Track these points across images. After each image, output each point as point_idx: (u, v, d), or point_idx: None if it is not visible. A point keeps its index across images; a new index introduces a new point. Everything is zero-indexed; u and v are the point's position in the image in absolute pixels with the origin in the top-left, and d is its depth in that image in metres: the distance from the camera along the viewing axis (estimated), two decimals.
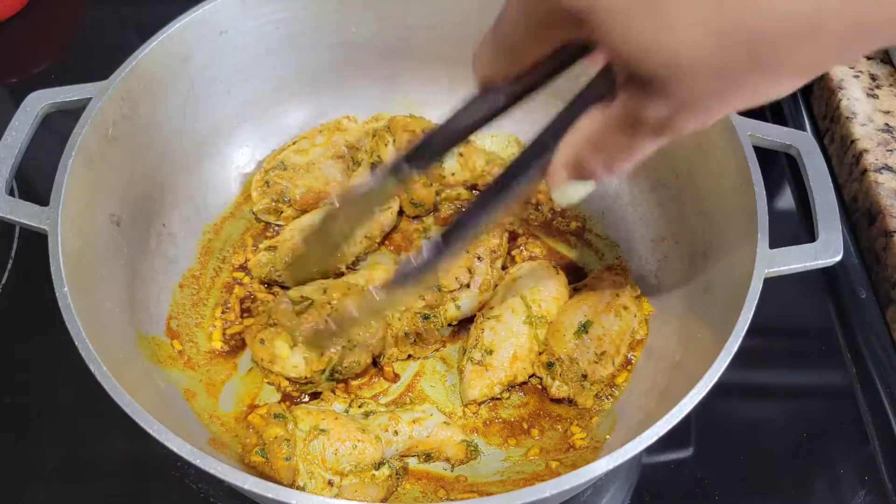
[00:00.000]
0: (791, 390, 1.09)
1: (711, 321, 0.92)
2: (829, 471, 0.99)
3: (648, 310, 1.09)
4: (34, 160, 0.95)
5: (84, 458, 0.99)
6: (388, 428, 0.91)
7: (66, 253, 0.84)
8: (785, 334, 1.14)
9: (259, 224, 1.19)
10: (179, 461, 0.97)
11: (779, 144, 0.96)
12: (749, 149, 0.92)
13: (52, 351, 1.05)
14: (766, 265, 0.84)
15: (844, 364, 1.08)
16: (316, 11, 1.17)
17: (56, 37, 1.53)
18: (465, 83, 1.25)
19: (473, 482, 0.95)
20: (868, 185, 1.17)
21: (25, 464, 0.98)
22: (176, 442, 0.71)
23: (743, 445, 1.02)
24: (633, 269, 1.15)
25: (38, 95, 0.95)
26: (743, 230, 0.91)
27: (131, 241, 1.02)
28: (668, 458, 1.01)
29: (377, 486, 0.85)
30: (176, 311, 1.07)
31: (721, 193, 0.99)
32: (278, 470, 0.83)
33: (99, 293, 0.90)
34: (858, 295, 1.14)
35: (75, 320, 0.78)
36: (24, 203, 0.86)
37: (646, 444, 0.74)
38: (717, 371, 0.78)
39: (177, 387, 0.98)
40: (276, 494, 0.68)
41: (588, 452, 0.97)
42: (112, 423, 0.97)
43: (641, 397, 0.99)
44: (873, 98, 1.26)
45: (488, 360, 1.01)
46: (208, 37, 1.09)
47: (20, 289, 1.12)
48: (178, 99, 1.09)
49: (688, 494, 0.98)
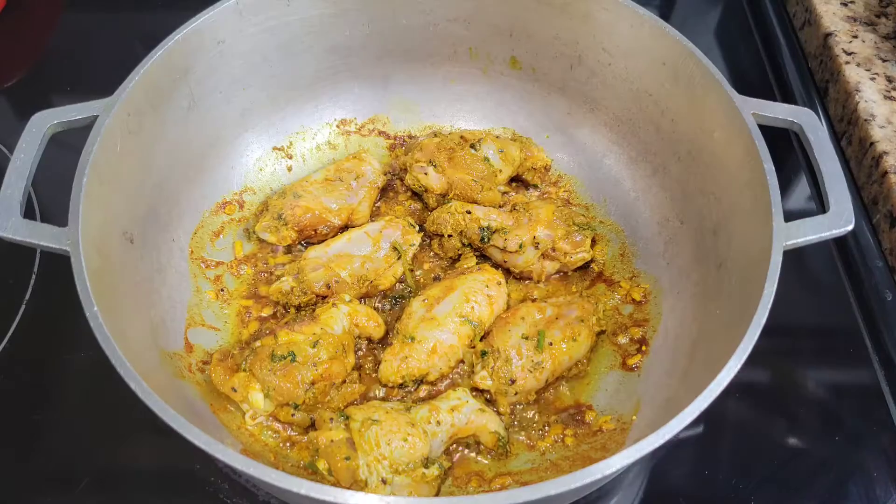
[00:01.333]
0: (819, 391, 1.10)
1: (729, 297, 0.95)
2: (862, 473, 1.01)
3: (644, 287, 1.13)
4: (36, 175, 0.94)
5: (116, 474, 0.98)
6: (430, 420, 0.92)
7: (90, 273, 0.83)
8: (811, 337, 1.15)
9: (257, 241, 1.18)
10: (213, 476, 0.97)
11: (781, 121, 0.98)
12: (754, 127, 0.95)
13: (78, 367, 1.05)
14: (783, 237, 0.86)
15: (872, 366, 1.10)
16: (309, 17, 1.17)
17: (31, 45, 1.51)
18: (459, 81, 1.30)
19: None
20: (889, 187, 1.18)
21: (60, 480, 0.97)
22: (229, 454, 0.71)
23: (775, 448, 1.03)
24: (639, 251, 1.17)
25: (43, 115, 0.94)
26: (753, 206, 0.94)
27: (144, 257, 1.02)
28: (699, 465, 1.02)
29: (428, 484, 0.86)
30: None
31: (727, 172, 1.01)
32: (338, 472, 0.83)
33: (122, 312, 0.90)
34: (884, 297, 1.15)
35: (109, 340, 0.77)
36: (42, 225, 0.85)
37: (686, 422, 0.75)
38: (747, 348, 0.79)
39: (202, 400, 0.98)
40: (334, 497, 0.68)
41: (616, 434, 0.99)
42: (142, 438, 1.00)
43: (664, 376, 1.01)
44: (891, 100, 1.27)
45: (408, 347, 1.01)
46: (207, 47, 1.08)
47: (44, 304, 1.11)
48: (180, 111, 1.09)
49: (723, 498, 0.99)
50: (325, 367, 0.96)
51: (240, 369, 0.97)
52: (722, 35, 1.54)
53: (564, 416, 1.02)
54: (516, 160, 1.21)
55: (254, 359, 0.96)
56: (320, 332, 0.98)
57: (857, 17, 1.41)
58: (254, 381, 0.95)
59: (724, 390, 0.77)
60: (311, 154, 1.28)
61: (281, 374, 0.95)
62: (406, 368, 1.00)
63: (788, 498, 0.99)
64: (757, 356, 0.79)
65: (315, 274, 1.07)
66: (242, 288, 1.13)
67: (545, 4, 1.16)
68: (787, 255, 0.87)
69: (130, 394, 0.75)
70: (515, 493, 0.68)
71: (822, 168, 0.94)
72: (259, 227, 1.15)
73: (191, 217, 1.14)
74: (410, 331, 1.02)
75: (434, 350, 1.01)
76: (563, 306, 1.07)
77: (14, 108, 1.41)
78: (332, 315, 1.01)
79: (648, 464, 1.01)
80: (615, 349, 1.08)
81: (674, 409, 0.76)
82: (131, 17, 1.53)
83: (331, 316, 1.01)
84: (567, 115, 1.27)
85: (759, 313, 0.81)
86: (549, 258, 1.12)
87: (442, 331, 1.02)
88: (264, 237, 1.15)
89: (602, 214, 1.23)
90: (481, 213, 1.14)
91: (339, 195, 1.17)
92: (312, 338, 0.98)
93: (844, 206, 0.90)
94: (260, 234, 1.15)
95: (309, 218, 1.14)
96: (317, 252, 1.11)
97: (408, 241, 1.13)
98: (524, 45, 1.23)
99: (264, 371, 0.95)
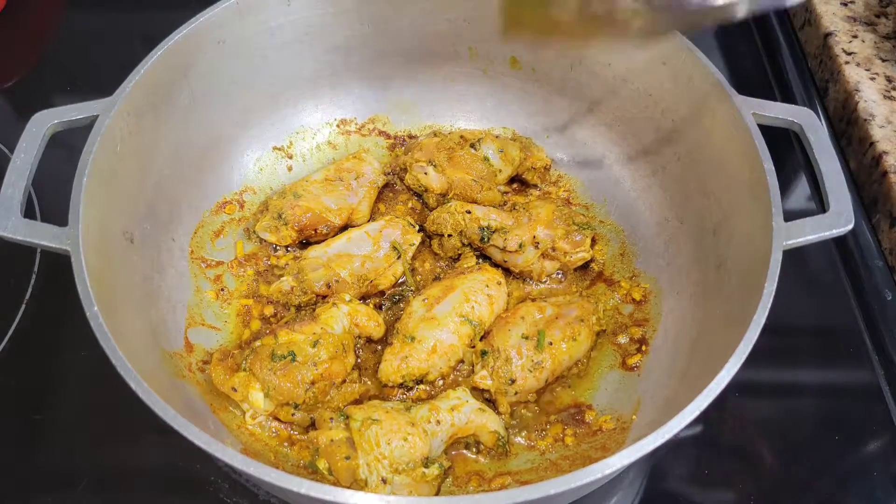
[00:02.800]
0: (820, 392, 1.10)
1: (729, 297, 0.95)
2: (863, 473, 1.01)
3: (644, 287, 1.13)
4: (36, 175, 0.94)
5: (117, 473, 0.99)
6: (430, 419, 0.91)
7: (90, 273, 0.83)
8: (811, 337, 1.15)
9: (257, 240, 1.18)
10: (213, 476, 0.97)
11: (781, 121, 0.99)
12: (754, 127, 0.95)
13: (78, 367, 1.05)
14: (783, 237, 0.86)
15: (872, 366, 1.10)
16: (309, 17, 1.17)
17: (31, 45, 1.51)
18: (459, 81, 1.30)
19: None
20: (889, 187, 1.18)
21: (60, 480, 0.97)
22: (229, 454, 0.71)
23: (776, 449, 1.03)
24: (639, 251, 1.17)
25: (43, 115, 0.94)
26: (753, 206, 0.94)
27: (144, 256, 1.02)
28: (699, 465, 1.01)
29: (428, 484, 0.86)
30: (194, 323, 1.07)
31: (727, 172, 1.01)
32: (338, 471, 0.83)
33: (122, 311, 0.90)
34: (884, 297, 1.15)
35: (110, 339, 0.77)
36: (42, 225, 0.85)
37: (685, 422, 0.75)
38: (747, 347, 0.79)
39: (202, 400, 0.98)
40: (334, 496, 0.68)
41: (616, 433, 0.99)
42: (142, 438, 1.00)
43: (663, 376, 1.01)
44: (891, 100, 1.27)
45: (408, 347, 1.01)
46: (207, 47, 1.08)
47: (44, 304, 1.11)
48: (180, 111, 1.09)
49: (723, 498, 0.99)
50: (326, 367, 0.96)
51: (240, 369, 0.97)
52: (722, 35, 1.54)
53: (564, 416, 1.02)
54: (516, 160, 1.21)
55: (254, 358, 0.96)
56: (320, 331, 0.98)
57: (857, 16, 1.41)
58: (254, 380, 0.95)
59: (724, 390, 0.77)
60: (311, 154, 1.28)
61: (281, 373, 0.95)
62: (406, 368, 1.00)
63: (788, 498, 0.99)
64: (757, 356, 0.79)
65: (315, 274, 1.07)
66: (242, 287, 1.13)
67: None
68: (787, 254, 0.87)
69: (130, 394, 0.76)
70: (515, 492, 0.68)
71: (822, 168, 0.94)
72: (259, 226, 1.15)
73: (191, 217, 1.14)
74: (410, 330, 1.02)
75: (434, 350, 1.01)
76: (563, 306, 1.07)
77: (14, 108, 1.41)
78: (332, 315, 1.01)
79: (648, 464, 1.01)
80: (615, 349, 1.08)
81: (674, 409, 0.76)
82: (131, 17, 1.53)
83: (331, 315, 1.01)
84: (567, 115, 1.27)
85: (758, 313, 0.81)
86: (549, 258, 1.13)
87: (442, 330, 1.02)
88: (264, 237, 1.15)
89: (602, 214, 1.23)
90: (481, 212, 1.14)
91: (339, 195, 1.17)
92: (313, 337, 0.98)
93: (844, 205, 0.90)
94: (260, 234, 1.15)
95: (309, 217, 1.14)
96: (317, 252, 1.11)
97: (408, 240, 1.13)
98: (524, 46, 1.23)
99: (264, 371, 0.95)
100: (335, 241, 1.12)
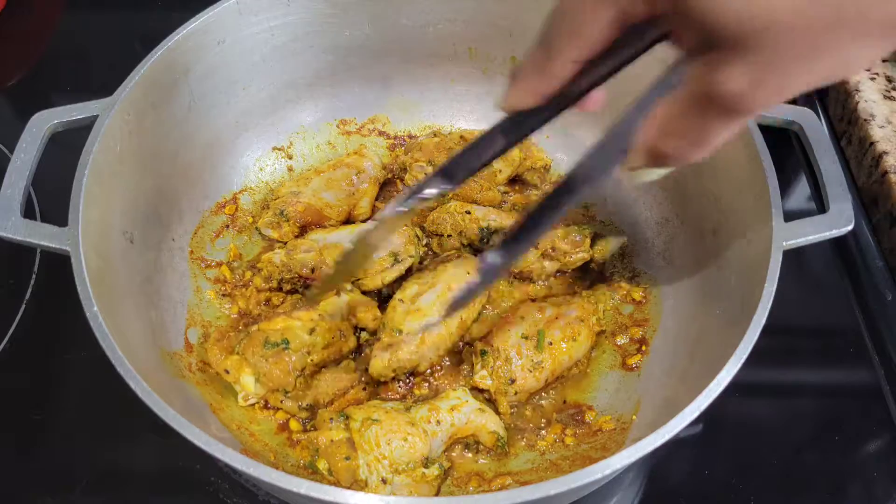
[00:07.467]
0: (819, 391, 1.10)
1: (729, 297, 0.95)
2: (863, 473, 1.01)
3: (644, 287, 1.12)
4: (36, 175, 0.94)
5: (116, 473, 0.98)
6: (430, 419, 0.91)
7: (90, 273, 0.83)
8: (811, 337, 1.15)
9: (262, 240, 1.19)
10: (213, 476, 0.97)
11: (781, 121, 0.99)
12: (754, 127, 0.95)
13: (78, 367, 1.05)
14: (783, 237, 0.86)
15: (873, 366, 1.09)
16: (309, 16, 1.17)
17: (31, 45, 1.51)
18: (459, 81, 1.30)
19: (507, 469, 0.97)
20: (889, 187, 1.17)
21: (60, 479, 0.97)
22: (229, 454, 0.71)
23: (775, 448, 1.02)
24: (639, 251, 1.17)
25: (43, 115, 0.94)
26: (753, 206, 0.94)
27: (144, 257, 1.02)
28: (699, 465, 1.01)
29: (428, 484, 0.86)
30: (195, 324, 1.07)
31: (727, 172, 1.01)
32: (338, 471, 0.83)
33: (122, 312, 0.90)
34: (884, 297, 1.15)
35: (110, 339, 0.77)
36: (42, 225, 0.86)
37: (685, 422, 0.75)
38: (747, 348, 0.79)
39: (202, 400, 0.98)
40: (334, 497, 0.68)
41: (616, 434, 0.99)
42: (142, 437, 1.00)
43: (663, 376, 1.01)
44: (891, 100, 1.27)
45: (396, 340, 1.00)
46: (207, 47, 1.08)
47: (44, 304, 1.11)
48: (180, 111, 1.09)
49: (723, 498, 0.99)
50: (320, 355, 0.96)
51: (234, 352, 0.98)
52: None
53: (564, 416, 1.02)
54: (516, 160, 1.21)
55: (247, 343, 0.97)
56: (317, 318, 0.99)
57: None
58: (246, 364, 0.96)
59: (724, 390, 0.77)
60: (311, 154, 1.28)
61: (272, 360, 0.95)
62: (397, 361, 0.99)
63: (788, 498, 0.99)
64: (757, 356, 0.79)
65: (305, 256, 1.08)
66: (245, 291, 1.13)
67: (545, 4, 1.16)
68: (787, 255, 0.87)
69: (130, 394, 0.76)
70: (515, 493, 0.68)
71: (822, 168, 0.94)
72: (261, 223, 1.16)
73: (191, 217, 1.15)
74: (397, 323, 1.02)
75: (423, 340, 1.01)
76: (562, 306, 1.07)
77: (14, 108, 1.41)
78: (331, 302, 1.02)
79: (648, 464, 1.01)
80: (615, 349, 1.08)
81: (674, 409, 0.76)
82: (131, 17, 1.53)
83: (330, 303, 1.01)
84: (567, 115, 1.27)
85: (758, 313, 0.81)
86: (549, 258, 1.12)
87: (428, 321, 1.02)
88: (266, 233, 1.16)
89: (602, 214, 1.23)
90: (481, 213, 1.14)
91: (340, 191, 1.17)
92: (310, 324, 0.98)
93: (844, 206, 0.90)
94: (262, 230, 1.16)
95: (310, 213, 1.14)
96: (317, 236, 1.12)
97: (408, 251, 1.12)
98: (524, 45, 1.22)
99: (256, 356, 0.95)
100: (337, 231, 1.13)
